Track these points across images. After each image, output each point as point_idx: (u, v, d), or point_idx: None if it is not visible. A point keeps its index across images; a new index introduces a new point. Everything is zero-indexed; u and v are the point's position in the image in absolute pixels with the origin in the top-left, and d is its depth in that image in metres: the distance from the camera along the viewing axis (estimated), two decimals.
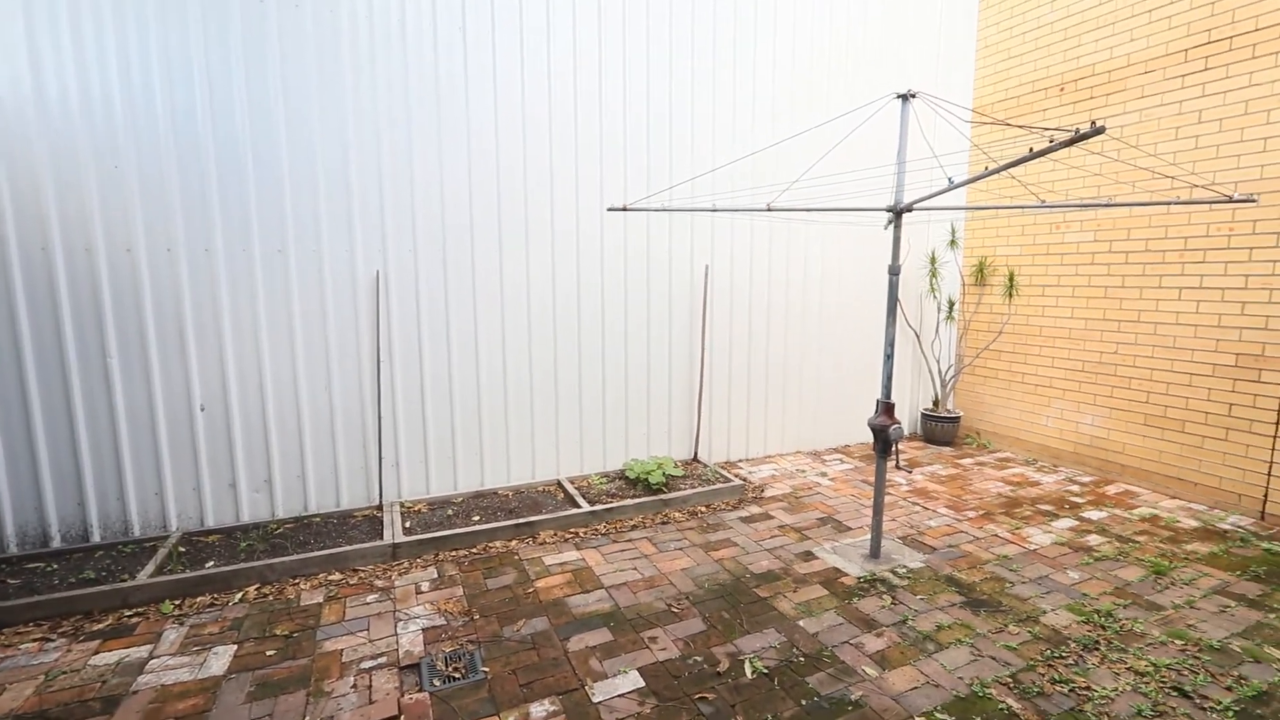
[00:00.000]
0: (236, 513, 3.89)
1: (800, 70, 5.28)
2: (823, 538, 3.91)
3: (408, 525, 3.88)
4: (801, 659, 2.68)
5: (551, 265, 4.55)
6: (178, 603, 3.09)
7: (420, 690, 2.47)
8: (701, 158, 4.94)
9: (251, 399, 3.86)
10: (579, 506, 4.17)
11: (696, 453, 5.22)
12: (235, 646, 2.75)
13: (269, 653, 2.71)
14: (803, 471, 5.22)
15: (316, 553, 3.43)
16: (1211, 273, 4.39)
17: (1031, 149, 2.49)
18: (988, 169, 2.71)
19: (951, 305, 6.09)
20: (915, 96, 3.23)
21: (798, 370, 5.66)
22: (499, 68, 4.22)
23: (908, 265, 5.90)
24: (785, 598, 3.19)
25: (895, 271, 3.38)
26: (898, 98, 3.26)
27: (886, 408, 3.43)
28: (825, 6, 5.33)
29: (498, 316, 4.42)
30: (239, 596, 3.16)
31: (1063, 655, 2.71)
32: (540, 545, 3.78)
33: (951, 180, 3.07)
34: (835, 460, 5.54)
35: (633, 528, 4.05)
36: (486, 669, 2.60)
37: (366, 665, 2.63)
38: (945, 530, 4.02)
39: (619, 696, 2.44)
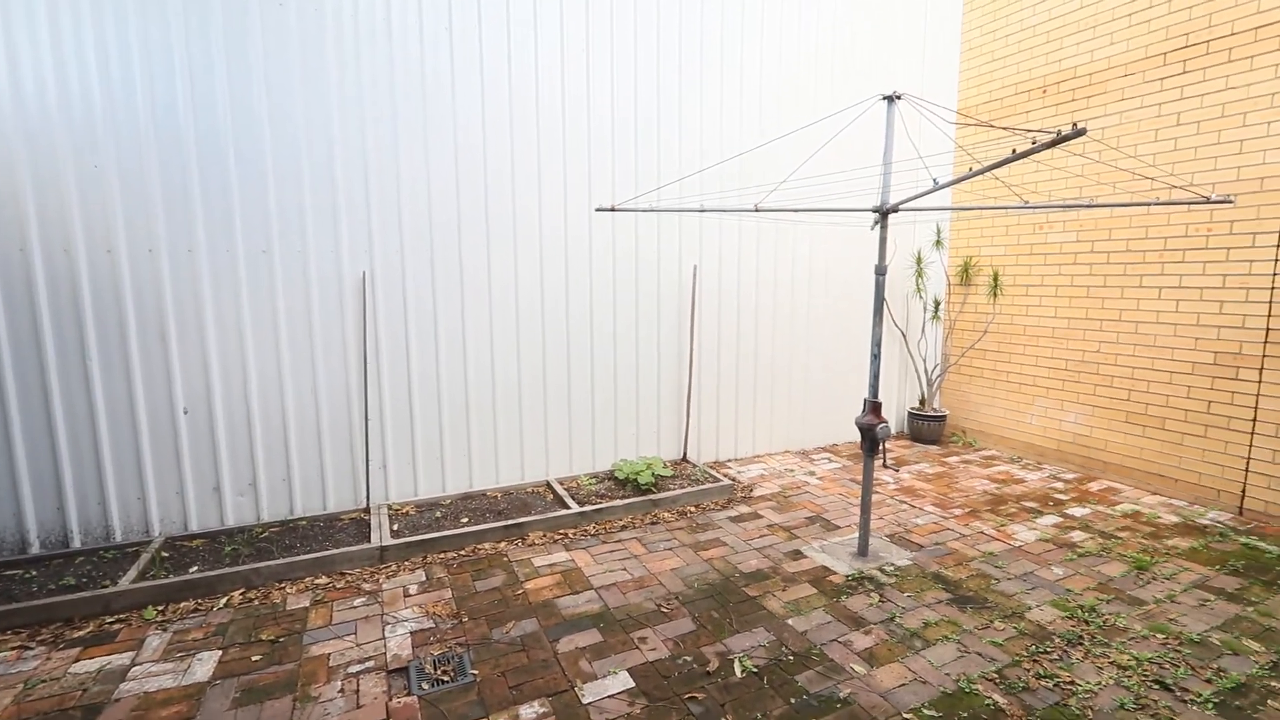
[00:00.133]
0: (221, 517, 3.84)
1: (787, 71, 5.31)
2: (811, 536, 3.93)
3: (395, 528, 3.85)
4: (790, 657, 2.70)
5: (540, 264, 4.53)
6: (161, 608, 3.04)
7: (409, 694, 2.45)
8: (689, 158, 4.95)
9: (236, 401, 3.81)
10: (568, 507, 4.16)
11: (685, 453, 5.23)
12: (220, 652, 2.71)
13: (255, 658, 2.68)
14: (791, 471, 5.24)
15: (303, 556, 3.40)
16: (1190, 272, 4.46)
17: (1014, 150, 2.52)
18: (972, 170, 2.74)
19: (937, 305, 6.15)
20: (900, 98, 3.25)
21: (786, 370, 5.69)
22: (486, 66, 4.21)
23: (894, 265, 5.95)
24: (774, 597, 3.20)
25: (882, 271, 3.41)
26: (883, 99, 3.28)
27: (874, 407, 3.45)
28: (812, 8, 5.36)
29: (486, 316, 4.40)
30: (224, 601, 3.12)
31: (1047, 650, 2.75)
32: (529, 547, 3.77)
33: (936, 181, 3.10)
34: (824, 459, 5.57)
35: (622, 528, 4.05)
36: (475, 671, 2.59)
37: (354, 669, 2.61)
38: (932, 528, 4.06)
39: (609, 697, 2.44)
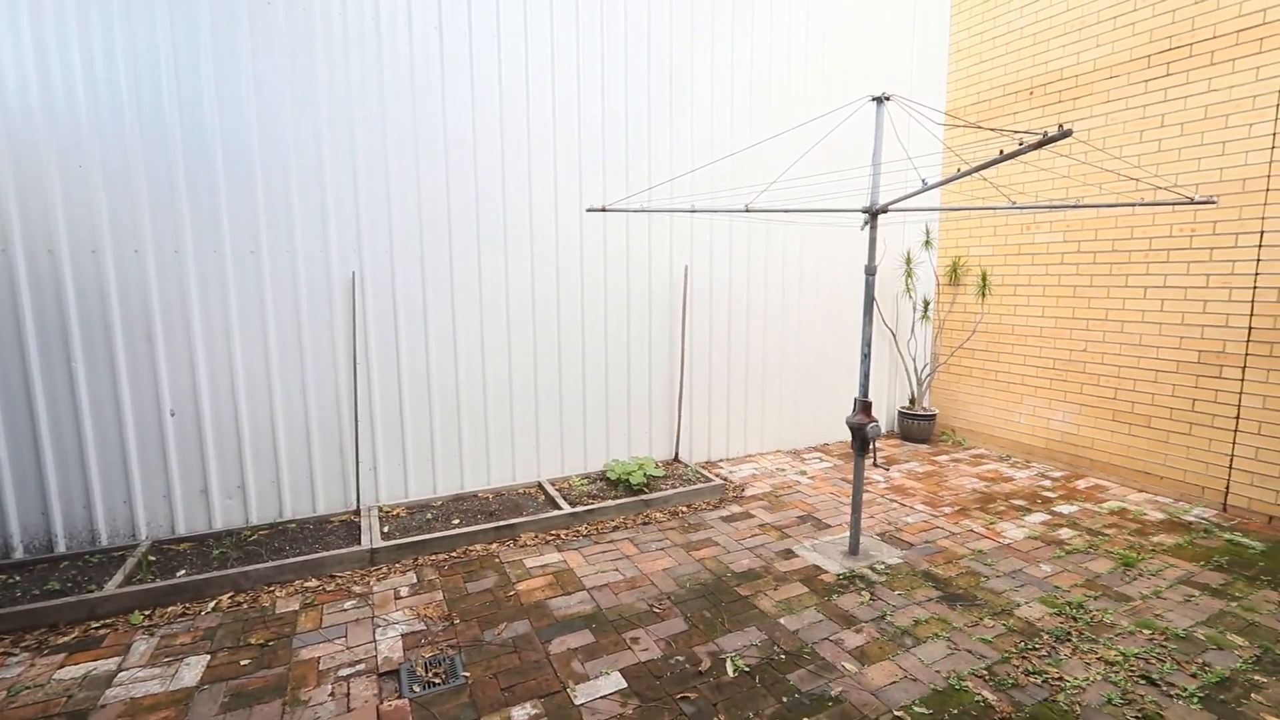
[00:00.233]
0: (209, 520, 3.81)
1: (777, 72, 5.32)
2: (803, 536, 3.94)
3: (386, 530, 3.83)
4: (782, 656, 2.70)
5: (530, 264, 4.52)
6: (148, 613, 3.01)
7: (400, 696, 2.44)
8: (680, 158, 4.95)
9: (224, 403, 3.78)
10: (560, 508, 4.15)
11: (677, 453, 5.24)
12: (208, 657, 2.69)
13: (243, 662, 2.66)
14: (783, 470, 5.26)
15: (292, 559, 3.37)
16: (1175, 272, 4.52)
17: (1002, 151, 2.54)
18: (960, 171, 2.76)
19: (927, 305, 6.19)
20: (890, 99, 3.27)
21: (777, 370, 5.71)
22: (476, 65, 4.19)
23: (884, 266, 5.99)
24: (766, 596, 3.21)
25: (871, 272, 3.43)
26: (873, 100, 3.30)
27: (864, 406, 3.47)
28: (801, 11, 5.38)
29: (476, 316, 4.39)
30: (212, 605, 3.09)
31: (1036, 647, 2.77)
32: (521, 548, 3.76)
33: (925, 182, 3.12)
34: (815, 459, 5.60)
35: (614, 529, 4.05)
36: (467, 674, 2.58)
37: (344, 673, 2.59)
38: (922, 526, 4.09)
39: (601, 698, 2.44)
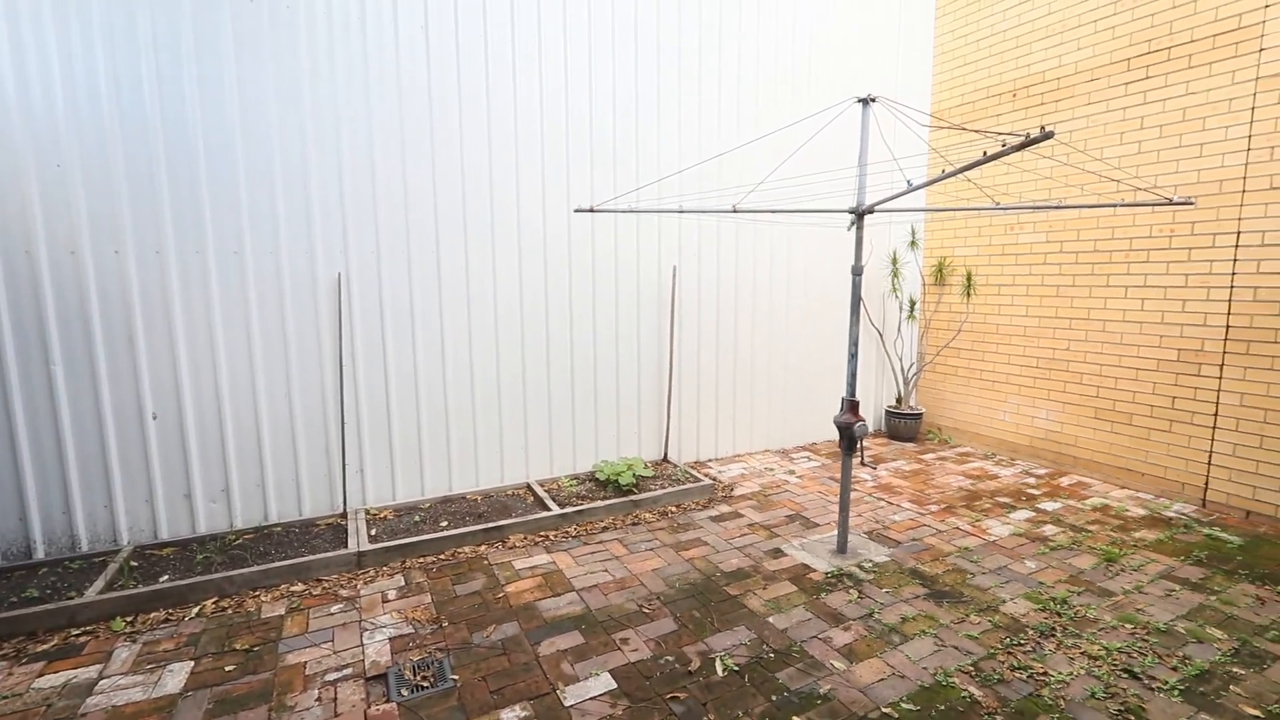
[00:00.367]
0: (193, 524, 3.75)
1: (765, 73, 5.35)
2: (791, 535, 3.96)
3: (373, 532, 3.80)
4: (771, 655, 2.72)
5: (518, 264, 4.51)
6: (130, 619, 2.96)
7: (388, 700, 2.42)
8: (669, 159, 4.96)
9: (207, 405, 3.73)
10: (549, 509, 4.14)
11: (666, 453, 5.24)
12: (192, 663, 2.65)
13: (228, 668, 2.62)
14: (771, 470, 5.28)
15: (278, 563, 3.33)
16: (1155, 272, 4.59)
17: (985, 152, 2.57)
18: (945, 172, 2.78)
19: (913, 304, 6.24)
20: (875, 101, 3.30)
21: (765, 370, 5.73)
22: (463, 64, 4.17)
23: (870, 266, 6.03)
24: (755, 595, 3.22)
25: (858, 272, 3.45)
26: (858, 102, 3.32)
27: (851, 405, 3.50)
28: (789, 13, 5.41)
29: (464, 316, 4.36)
30: (196, 611, 3.05)
31: (1021, 643, 2.80)
32: (510, 549, 3.74)
33: (910, 183, 3.15)
34: (803, 458, 5.63)
35: (603, 529, 4.05)
36: (455, 676, 2.57)
37: (331, 677, 2.57)
38: (909, 524, 4.12)
39: (591, 699, 2.43)
